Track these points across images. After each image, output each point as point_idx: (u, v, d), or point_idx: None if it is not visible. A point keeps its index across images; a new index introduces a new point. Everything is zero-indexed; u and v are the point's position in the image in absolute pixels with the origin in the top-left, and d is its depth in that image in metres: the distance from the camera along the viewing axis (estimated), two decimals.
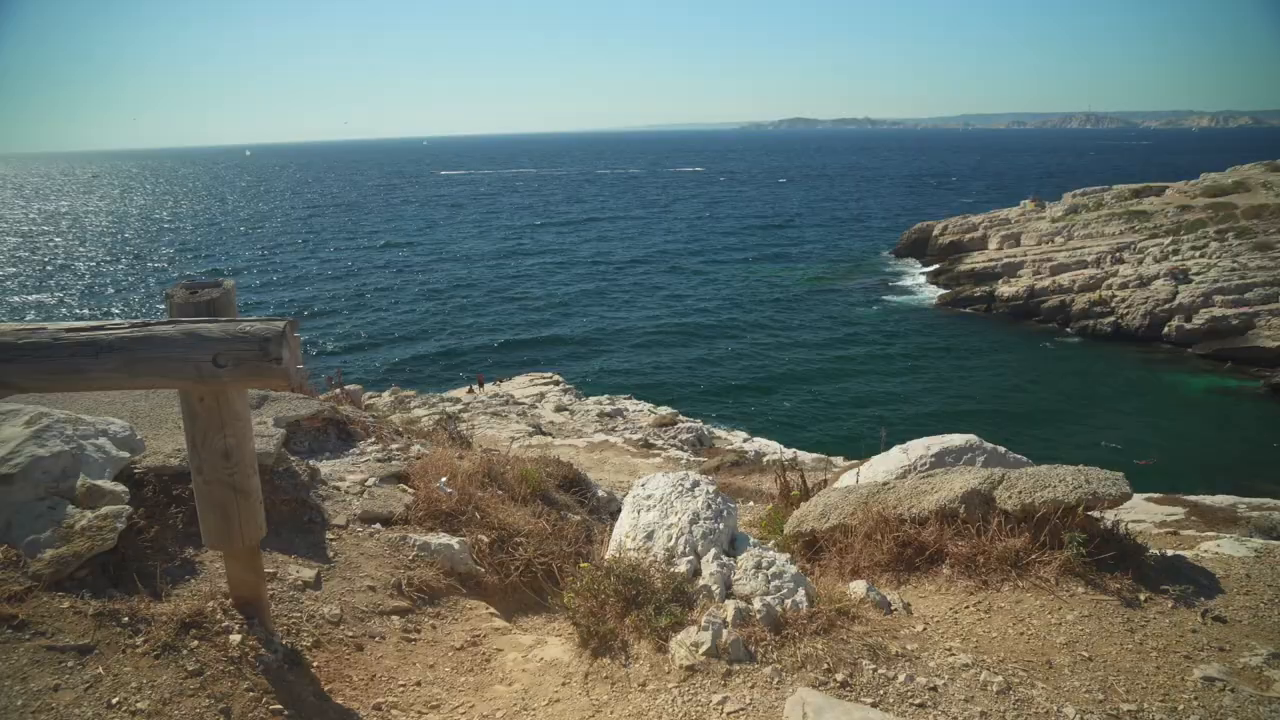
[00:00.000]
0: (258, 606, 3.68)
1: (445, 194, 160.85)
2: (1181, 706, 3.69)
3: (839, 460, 20.09)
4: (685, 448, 22.28)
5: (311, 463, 5.56)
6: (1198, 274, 52.29)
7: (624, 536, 4.43)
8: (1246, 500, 18.29)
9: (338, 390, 10.08)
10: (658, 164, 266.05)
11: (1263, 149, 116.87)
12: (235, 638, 3.49)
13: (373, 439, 6.67)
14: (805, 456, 21.48)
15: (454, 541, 5.12)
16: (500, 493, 6.13)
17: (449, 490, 5.68)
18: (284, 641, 3.79)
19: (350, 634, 4.18)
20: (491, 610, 4.87)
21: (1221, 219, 58.92)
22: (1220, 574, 5.01)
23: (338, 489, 5.47)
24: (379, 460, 6.16)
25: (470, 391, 31.53)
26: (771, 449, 22.50)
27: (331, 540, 4.86)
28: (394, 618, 4.41)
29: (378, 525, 5.16)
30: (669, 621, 3.87)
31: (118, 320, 2.97)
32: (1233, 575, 4.99)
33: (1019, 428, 37.67)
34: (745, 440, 24.38)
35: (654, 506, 4.44)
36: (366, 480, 5.64)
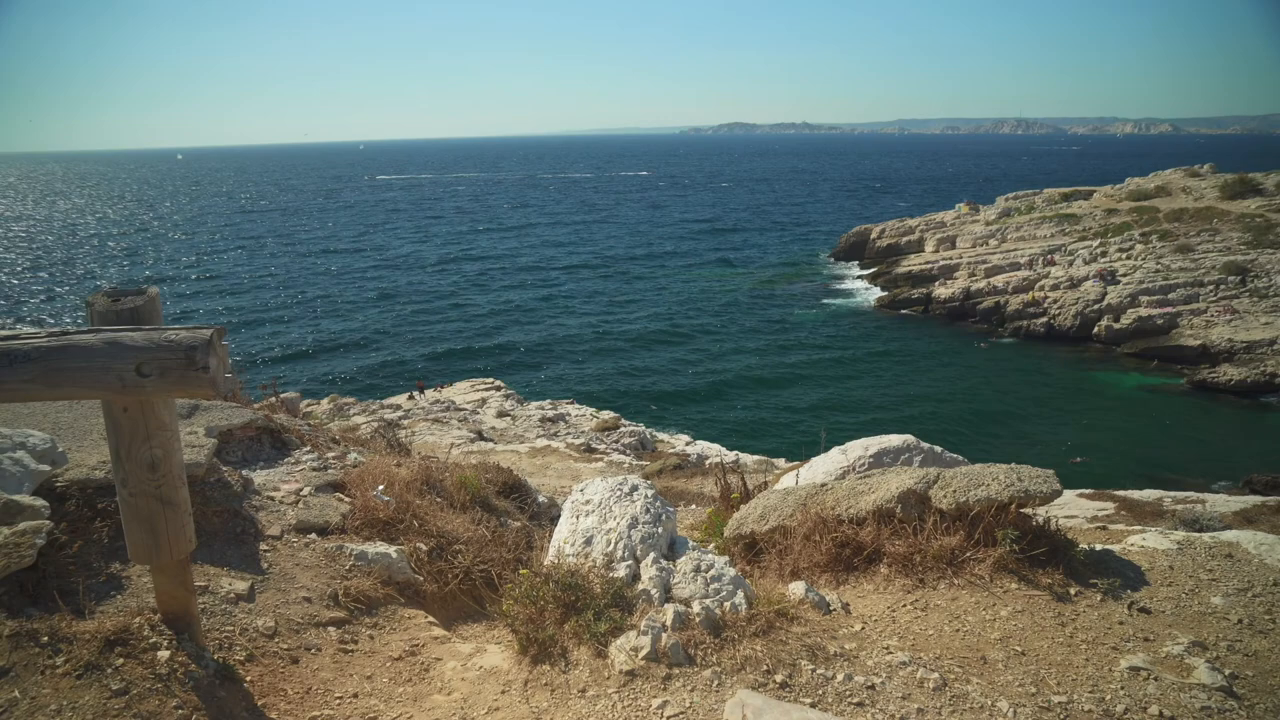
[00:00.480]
0: (188, 621, 3.58)
1: (385, 199, 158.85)
2: (1109, 696, 3.78)
3: (781, 462, 20.30)
4: (628, 452, 22.28)
5: (245, 473, 5.44)
6: (1124, 275, 53.90)
7: (563, 542, 4.41)
8: (1172, 494, 18.91)
9: (273, 399, 9.87)
10: (600, 168, 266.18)
11: (1181, 155, 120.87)
12: (163, 654, 3.39)
13: (308, 448, 6.55)
14: (748, 459, 21.65)
15: (391, 550, 5.05)
16: (439, 500, 6.06)
17: (386, 498, 5.60)
18: (215, 656, 3.69)
19: (285, 646, 4.09)
20: (430, 619, 4.81)
21: (1145, 222, 60.84)
22: (1145, 566, 5.16)
23: (272, 499, 5.36)
24: (315, 469, 6.05)
25: (411, 398, 31.19)
26: (714, 452, 22.61)
27: (266, 551, 4.76)
28: (330, 629, 4.33)
29: (313, 535, 5.06)
30: (608, 627, 3.86)
31: (34, 330, 2.87)
32: (1157, 567, 5.14)
33: (956, 427, 38.43)
34: (688, 443, 24.47)
35: (593, 511, 4.43)
36: (302, 490, 5.54)
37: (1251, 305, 48.41)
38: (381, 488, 5.76)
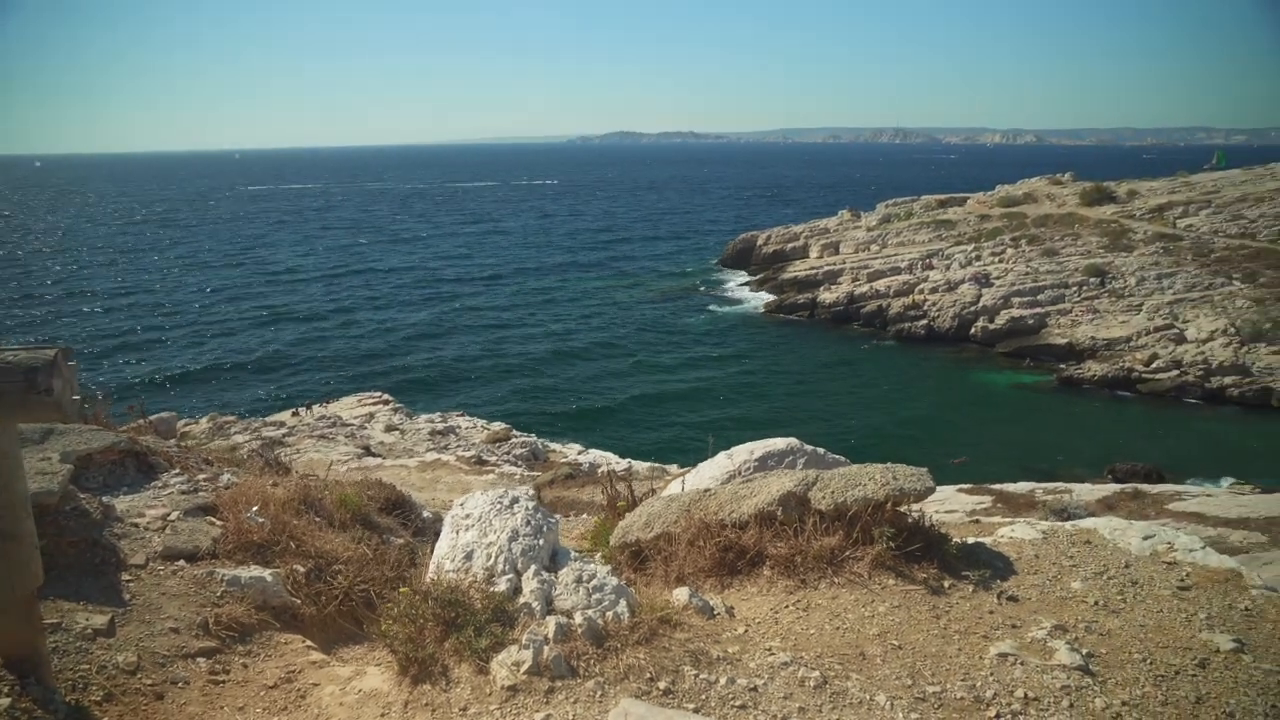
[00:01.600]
0: (35, 663, 3.36)
1: (266, 210, 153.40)
2: (979, 683, 3.93)
3: (673, 468, 20.46)
4: (519, 463, 22.11)
5: (105, 499, 5.17)
6: (998, 278, 56.37)
7: (443, 558, 4.33)
8: (1043, 485, 19.86)
9: (141, 420, 9.42)
10: (489, 177, 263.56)
11: (1045, 164, 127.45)
12: (4, 701, 3.18)
13: (177, 470, 6.27)
14: (640, 466, 21.77)
15: (266, 574, 4.87)
16: (318, 520, 5.88)
17: (261, 520, 5.41)
18: (67, 699, 3.49)
19: (149, 682, 3.89)
20: (308, 643, 4.66)
21: (1015, 227, 63.83)
22: (1013, 556, 5.39)
23: (136, 526, 5.11)
24: (184, 492, 5.79)
25: (296, 415, 30.20)
26: (607, 460, 22.65)
27: (128, 582, 4.53)
28: (200, 660, 4.14)
29: (182, 562, 4.84)
30: (489, 642, 3.81)
31: None
32: (1024, 557, 5.38)
33: (840, 429, 39.44)
34: (580, 453, 24.44)
35: (473, 525, 4.37)
36: (169, 514, 5.29)
37: (1111, 305, 51.28)
38: (256, 509, 5.56)
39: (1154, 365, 44.30)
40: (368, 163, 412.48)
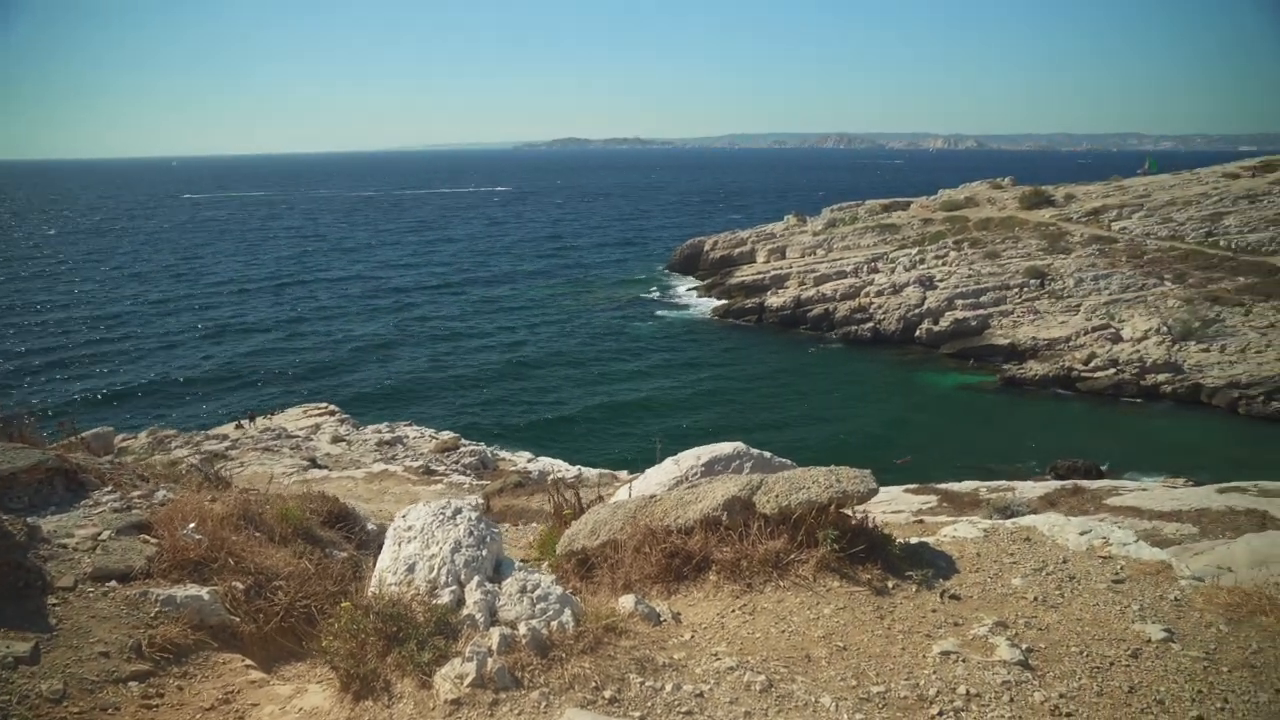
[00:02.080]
0: None
1: (207, 219, 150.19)
2: (923, 681, 3.98)
3: (623, 474, 20.43)
4: (468, 472, 21.94)
5: (31, 520, 5.00)
6: (941, 281, 57.33)
7: (384, 571, 4.27)
8: (987, 484, 20.19)
9: (71, 437, 9.16)
10: (435, 184, 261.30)
11: (986, 168, 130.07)
12: None
13: (110, 487, 6.09)
14: (590, 472, 21.70)
15: (204, 592, 4.75)
16: (258, 534, 5.76)
17: (198, 537, 5.28)
18: None
19: (76, 710, 3.76)
20: (248, 662, 4.55)
21: (957, 231, 64.98)
22: (956, 555, 5.47)
23: (64, 546, 4.95)
24: (116, 510, 5.63)
25: (239, 427, 29.63)
26: (556, 468, 22.56)
27: (55, 605, 4.38)
28: (132, 684, 4.02)
29: (113, 582, 4.70)
30: (432, 656, 3.76)
31: None
32: (966, 555, 5.46)
33: (787, 431, 39.80)
34: (529, 461, 24.31)
35: (415, 538, 4.31)
36: (100, 534, 5.14)
37: (1050, 306, 52.45)
38: (193, 525, 5.42)
39: (1092, 364, 45.38)
40: (312, 170, 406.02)
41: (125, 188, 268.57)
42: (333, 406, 33.24)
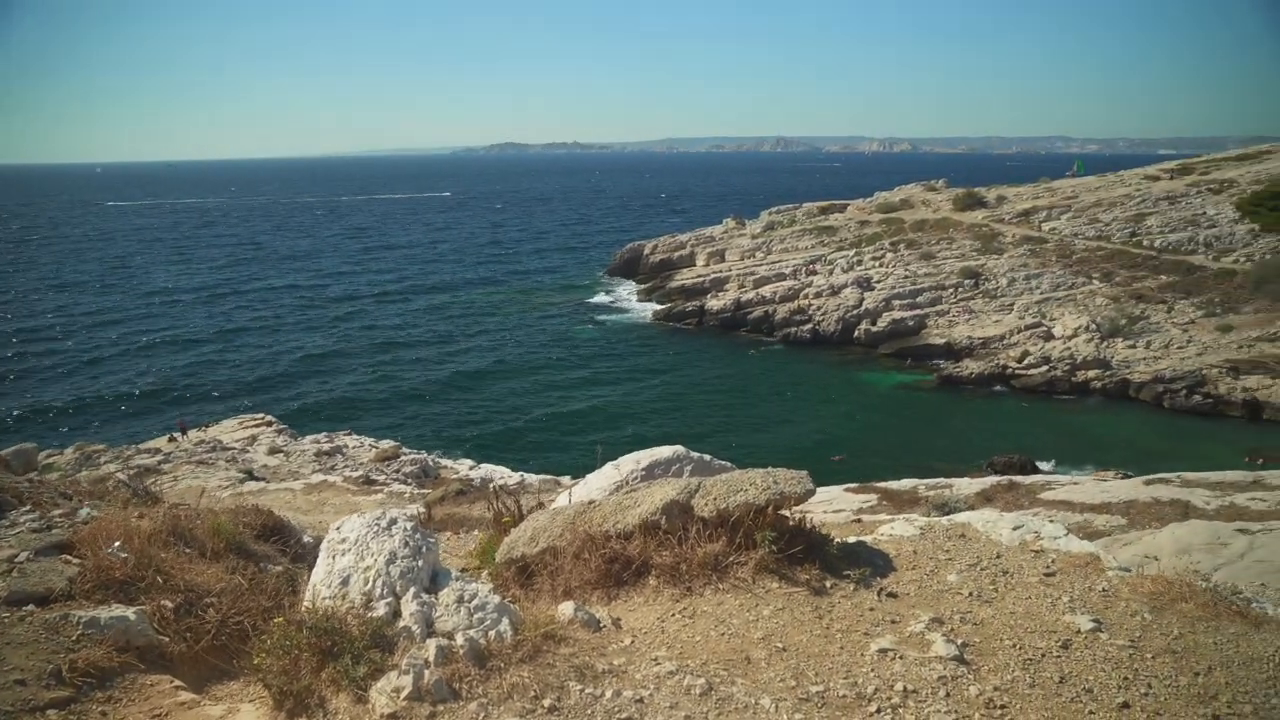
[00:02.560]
0: None
1: (136, 227, 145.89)
2: (861, 680, 4.02)
3: (565, 479, 20.40)
4: (410, 480, 21.71)
5: None
6: (878, 282, 58.23)
7: (319, 584, 4.18)
8: (926, 481, 20.54)
9: None
10: (372, 190, 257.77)
11: (920, 171, 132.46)
12: None
13: (29, 507, 5.89)
14: (533, 479, 21.64)
15: (130, 612, 4.60)
16: (189, 551, 5.60)
17: (124, 555, 5.12)
18: None
19: None
20: (177, 683, 4.42)
21: (893, 232, 66.10)
22: (893, 553, 5.54)
23: None
24: (35, 530, 5.43)
25: (172, 440, 28.94)
26: (499, 474, 22.42)
27: None
28: (50, 712, 3.86)
29: (31, 606, 4.53)
30: (368, 669, 3.69)
31: None
32: (903, 553, 5.53)
33: (728, 433, 40.05)
34: (471, 468, 24.14)
35: (349, 550, 4.24)
36: (16, 555, 4.96)
37: (984, 305, 53.60)
38: (118, 543, 5.26)
39: (1026, 362, 46.46)
40: (247, 176, 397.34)
41: (45, 195, 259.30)
42: (270, 418, 32.62)
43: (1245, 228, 55.45)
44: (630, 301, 70.24)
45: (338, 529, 4.44)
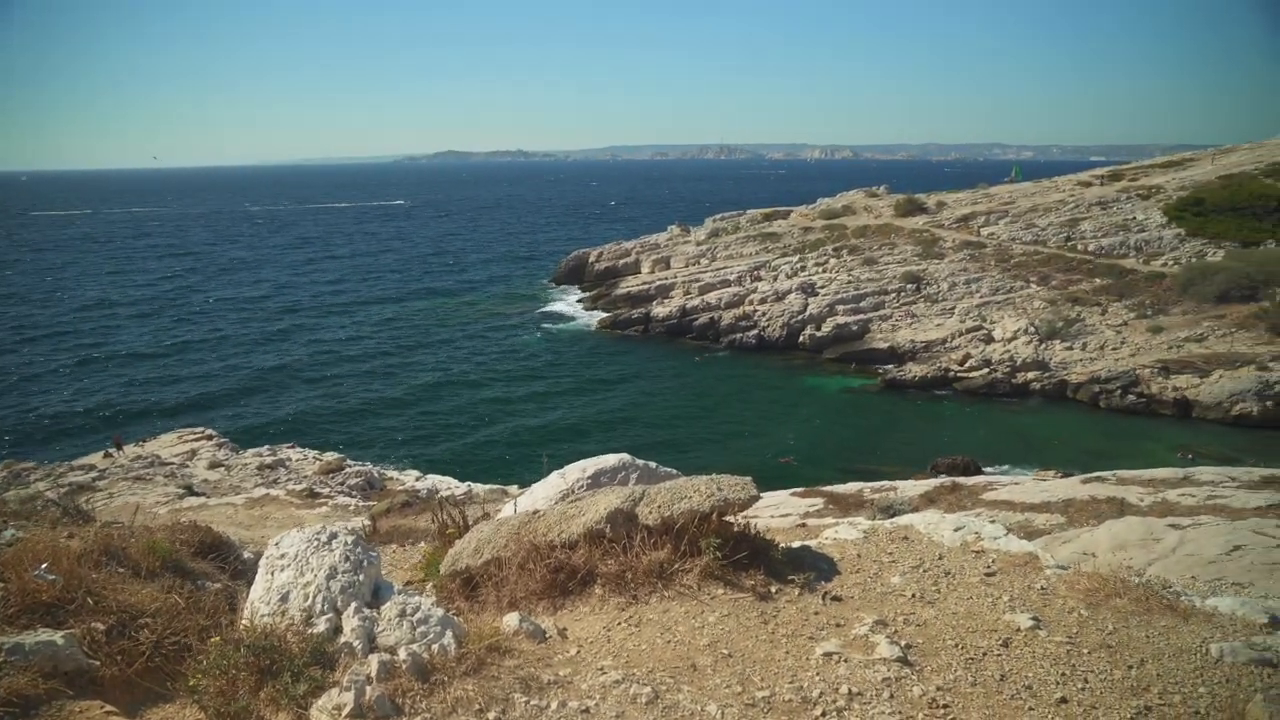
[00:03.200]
0: None
1: (70, 236, 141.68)
2: (806, 684, 4.05)
3: (513, 489, 20.27)
4: (354, 493, 21.42)
5: None
6: (822, 287, 58.88)
7: (257, 602, 4.10)
8: (871, 484, 20.79)
9: None
10: (314, 199, 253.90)
11: (862, 177, 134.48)
12: None
13: None
14: (480, 489, 21.47)
15: (58, 636, 4.45)
16: (122, 570, 5.44)
17: (51, 577, 4.95)
18: None
19: None
20: (108, 708, 4.27)
21: (836, 238, 66.92)
22: (837, 557, 5.59)
23: None
24: None
25: (108, 456, 28.18)
26: (446, 485, 22.21)
27: None
28: None
29: None
30: (308, 687, 3.61)
31: None
32: (847, 557, 5.59)
33: (676, 440, 40.19)
34: (418, 479, 23.89)
35: (288, 566, 4.15)
36: None
37: (926, 309, 54.50)
38: (46, 565, 5.09)
39: (968, 364, 47.32)
40: (185, 185, 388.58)
41: None
42: (210, 431, 31.94)
43: (1172, 232, 57.19)
44: (576, 310, 70.07)
45: (277, 545, 4.35)
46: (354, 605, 3.98)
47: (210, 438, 30.45)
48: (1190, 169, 70.63)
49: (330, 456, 26.58)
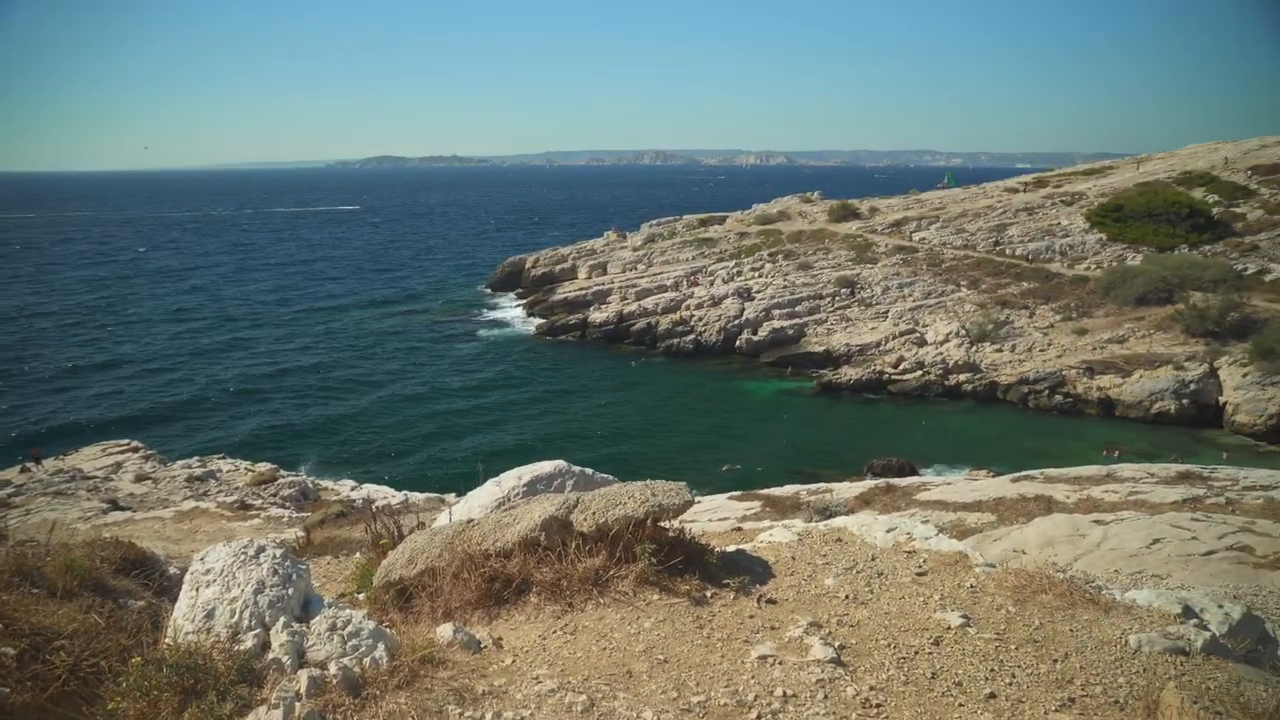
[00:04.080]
0: None
1: None
2: (741, 687, 4.06)
3: (450, 497, 20.05)
4: (288, 504, 20.98)
5: None
6: (758, 292, 59.42)
7: (182, 619, 3.98)
8: (807, 487, 21.02)
9: None
10: (245, 204, 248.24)
11: (796, 183, 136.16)
12: None
13: None
14: (417, 497, 21.20)
15: None
16: (36, 591, 5.25)
17: None
18: None
19: None
20: None
21: (772, 244, 67.62)
22: (772, 559, 5.63)
23: None
24: None
25: (25, 470, 27.14)
26: (382, 494, 21.88)
27: None
28: None
29: None
30: (235, 706, 3.52)
31: None
32: (781, 559, 5.63)
33: (612, 446, 40.18)
34: (353, 489, 23.50)
35: (215, 581, 4.04)
36: None
37: (860, 313, 55.34)
38: None
39: (901, 367, 48.17)
40: (112, 190, 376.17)
41: None
42: (136, 443, 30.96)
43: (1095, 237, 58.98)
44: (513, 316, 69.67)
45: (202, 559, 4.23)
46: (283, 620, 3.89)
47: (136, 450, 29.54)
48: (1110, 176, 72.96)
49: (263, 467, 25.98)
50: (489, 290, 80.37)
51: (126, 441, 31.37)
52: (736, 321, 56.85)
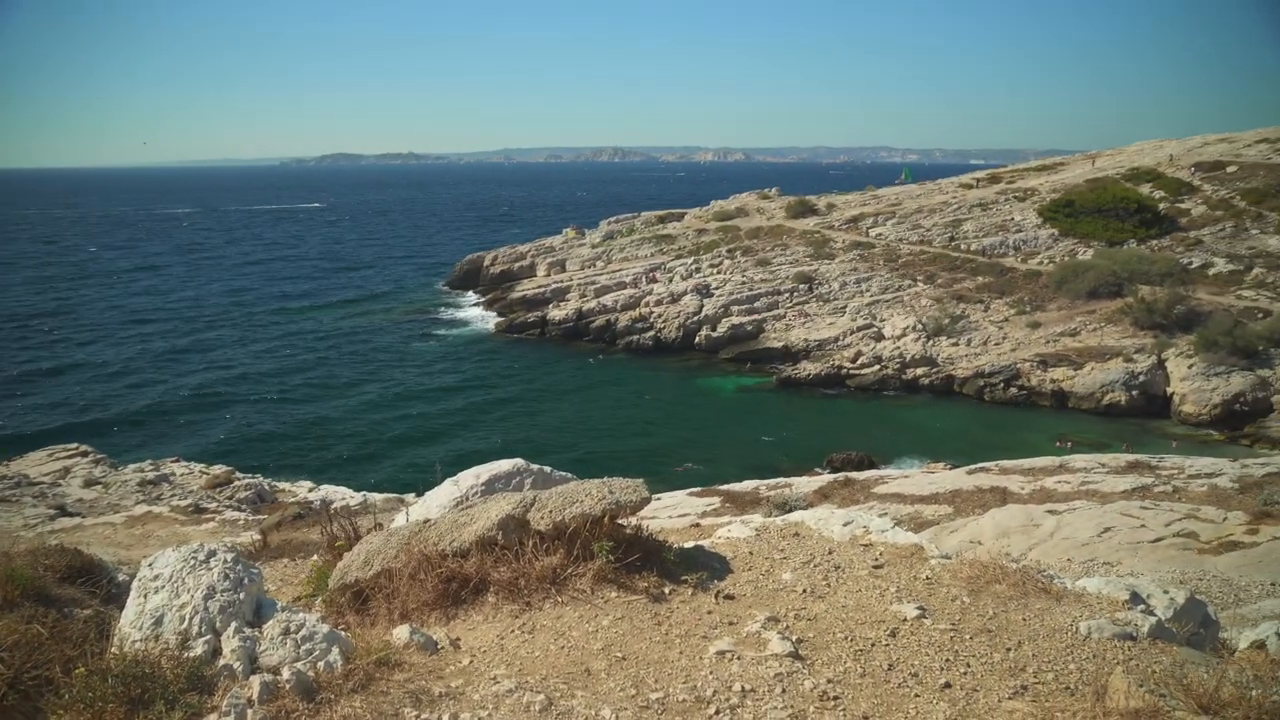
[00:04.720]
0: None
1: None
2: (700, 683, 4.07)
3: (410, 498, 19.85)
4: (244, 507, 20.68)
5: None
6: (717, 288, 59.64)
7: (129, 627, 3.90)
8: (767, 482, 21.15)
9: None
10: (197, 201, 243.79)
11: (754, 180, 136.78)
12: None
13: None
14: (376, 498, 21.00)
15: None
16: None
17: None
18: None
19: None
20: None
21: (730, 240, 67.89)
22: (730, 555, 5.65)
23: None
24: None
25: None
26: (340, 495, 21.64)
27: None
28: None
29: None
30: (184, 715, 3.44)
31: None
32: (739, 555, 5.65)
33: (572, 444, 40.11)
34: (311, 490, 23.18)
35: (163, 587, 3.96)
36: None
37: (819, 309, 55.77)
38: None
39: (859, 362, 48.61)
40: (51, 187, 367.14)
41: None
42: (85, 447, 30.25)
43: (1047, 232, 59.98)
44: (471, 313, 69.26)
45: (150, 565, 4.14)
46: (234, 625, 3.83)
47: (86, 454, 28.84)
48: (1061, 173, 74.20)
49: (218, 469, 25.54)
50: (448, 288, 79.77)
51: (75, 445, 30.63)
52: (696, 318, 57.02)
